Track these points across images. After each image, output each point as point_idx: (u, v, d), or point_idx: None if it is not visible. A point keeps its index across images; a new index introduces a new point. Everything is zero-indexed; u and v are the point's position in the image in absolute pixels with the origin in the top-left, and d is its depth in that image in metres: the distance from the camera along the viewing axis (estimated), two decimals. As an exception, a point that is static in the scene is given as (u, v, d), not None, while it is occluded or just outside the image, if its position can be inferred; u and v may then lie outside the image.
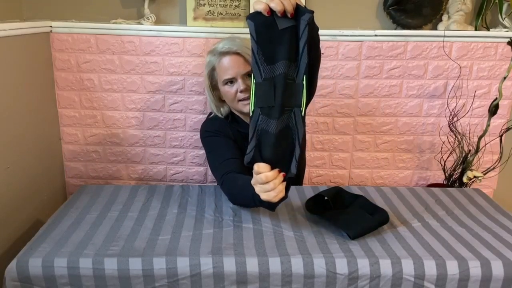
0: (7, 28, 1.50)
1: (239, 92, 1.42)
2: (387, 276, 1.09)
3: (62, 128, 1.94)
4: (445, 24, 1.89)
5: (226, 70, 1.42)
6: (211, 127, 1.53)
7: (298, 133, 1.06)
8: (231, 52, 1.42)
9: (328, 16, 1.91)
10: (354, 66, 1.89)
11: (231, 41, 1.44)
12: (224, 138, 1.49)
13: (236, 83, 1.43)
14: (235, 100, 1.44)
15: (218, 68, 1.45)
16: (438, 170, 2.02)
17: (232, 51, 1.41)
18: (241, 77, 1.42)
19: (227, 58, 1.42)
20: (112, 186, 1.56)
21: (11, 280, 1.08)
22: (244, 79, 1.42)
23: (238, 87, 1.42)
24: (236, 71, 1.41)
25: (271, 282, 1.09)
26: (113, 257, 1.09)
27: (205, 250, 1.13)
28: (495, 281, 1.10)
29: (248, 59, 1.40)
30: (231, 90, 1.44)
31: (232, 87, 1.43)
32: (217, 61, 1.44)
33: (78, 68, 1.86)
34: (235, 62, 1.41)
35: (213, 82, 1.50)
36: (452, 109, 1.91)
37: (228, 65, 1.42)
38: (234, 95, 1.44)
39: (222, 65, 1.43)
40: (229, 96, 1.45)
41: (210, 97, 1.52)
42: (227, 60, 1.42)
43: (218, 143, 1.48)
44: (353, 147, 2.02)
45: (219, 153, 1.44)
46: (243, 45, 1.42)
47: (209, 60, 1.47)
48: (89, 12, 1.89)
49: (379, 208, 1.31)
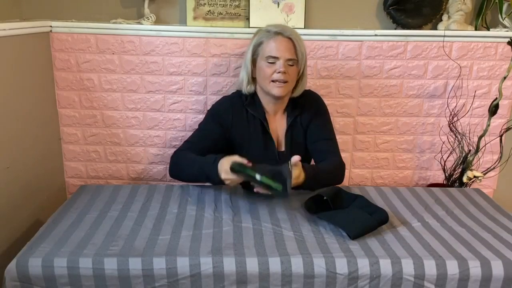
0: (7, 28, 1.50)
1: (276, 72, 1.47)
2: (387, 276, 1.09)
3: (62, 128, 1.94)
4: (445, 24, 1.89)
5: (274, 48, 1.47)
6: (220, 106, 1.59)
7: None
8: (285, 35, 1.48)
9: (328, 16, 1.91)
10: (354, 66, 1.89)
11: (285, 27, 1.51)
12: (216, 126, 1.55)
13: (277, 63, 1.47)
14: (269, 79, 1.48)
15: (266, 44, 1.49)
16: (438, 170, 2.02)
17: (286, 34, 1.48)
18: (284, 60, 1.46)
19: (279, 38, 1.48)
20: (112, 186, 1.56)
21: (11, 280, 1.08)
22: (285, 63, 1.47)
23: (277, 67, 1.47)
24: (283, 53, 1.47)
25: (271, 282, 1.09)
26: (113, 257, 1.09)
27: (205, 250, 1.13)
28: (495, 281, 1.10)
29: (297, 47, 1.47)
30: (269, 69, 1.48)
31: (272, 66, 1.48)
32: (267, 38, 1.49)
33: (78, 68, 1.86)
34: (285, 45, 1.47)
35: (254, 56, 1.53)
36: (452, 109, 1.91)
37: (277, 44, 1.47)
38: (270, 74, 1.48)
39: (272, 43, 1.48)
40: (265, 74, 1.49)
41: (247, 69, 1.55)
42: (278, 40, 1.47)
43: (207, 126, 1.57)
44: (353, 147, 2.02)
45: (200, 135, 1.57)
46: (294, 33, 1.49)
47: (259, 35, 1.52)
48: (89, 12, 1.89)
49: (379, 208, 1.31)
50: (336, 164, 1.55)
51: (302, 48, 1.49)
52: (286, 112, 1.59)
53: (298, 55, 1.48)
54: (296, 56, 1.48)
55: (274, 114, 1.59)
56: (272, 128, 1.58)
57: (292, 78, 1.50)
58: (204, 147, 1.52)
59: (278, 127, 1.60)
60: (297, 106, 1.59)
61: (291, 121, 1.57)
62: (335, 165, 1.54)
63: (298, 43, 1.48)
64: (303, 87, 1.57)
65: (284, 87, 1.48)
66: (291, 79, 1.50)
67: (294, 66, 1.49)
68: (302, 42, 1.51)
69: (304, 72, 1.54)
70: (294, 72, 1.50)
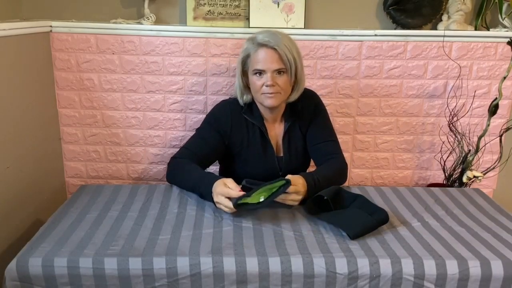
0: (7, 28, 1.50)
1: (265, 86, 1.45)
2: (387, 276, 1.09)
3: (62, 128, 1.94)
4: (445, 24, 1.89)
5: (259, 61, 1.45)
6: (218, 112, 1.57)
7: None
8: (269, 46, 1.44)
9: (328, 16, 1.91)
10: (354, 66, 1.89)
11: (272, 35, 1.46)
12: (215, 133, 1.53)
13: (265, 76, 1.45)
14: (260, 91, 1.47)
15: (253, 57, 1.47)
16: (438, 170, 2.02)
17: (270, 45, 1.43)
18: (270, 72, 1.44)
19: (263, 50, 1.44)
20: (112, 186, 1.56)
21: (11, 280, 1.08)
22: (273, 75, 1.44)
23: (265, 80, 1.45)
24: (269, 65, 1.44)
25: (271, 282, 1.09)
26: (113, 256, 1.09)
27: (205, 249, 1.13)
28: (494, 281, 1.10)
29: (283, 56, 1.43)
30: (258, 81, 1.46)
31: (260, 79, 1.46)
32: (253, 50, 1.46)
33: (78, 67, 1.86)
34: (270, 56, 1.43)
35: (245, 68, 1.52)
36: (452, 109, 1.91)
37: (262, 57, 1.44)
38: (260, 87, 1.46)
39: (257, 55, 1.45)
40: (255, 87, 1.48)
41: (239, 81, 1.53)
42: (263, 52, 1.44)
43: (206, 133, 1.55)
44: (353, 147, 2.02)
45: (199, 142, 1.54)
46: (282, 42, 1.44)
47: (247, 47, 1.49)
48: (89, 12, 1.89)
49: (379, 208, 1.31)
50: (336, 167, 1.54)
51: (290, 55, 1.43)
52: (284, 117, 1.58)
53: (286, 64, 1.44)
54: (284, 65, 1.44)
55: (272, 121, 1.58)
56: (271, 134, 1.57)
57: (283, 87, 1.46)
58: (203, 155, 1.52)
59: (276, 132, 1.59)
60: (295, 111, 1.57)
61: (288, 126, 1.57)
62: (335, 168, 1.54)
63: (285, 53, 1.42)
64: (299, 92, 1.53)
65: (275, 98, 1.46)
66: (283, 89, 1.46)
67: (284, 74, 1.45)
68: (293, 48, 1.45)
69: (298, 78, 1.50)
70: (284, 81, 1.46)
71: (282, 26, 1.85)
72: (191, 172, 1.45)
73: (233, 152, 1.56)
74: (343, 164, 1.56)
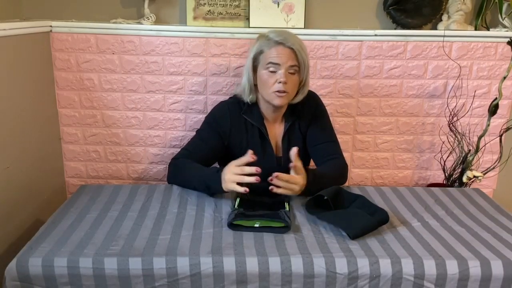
0: (7, 28, 1.50)
1: (277, 82, 1.44)
2: (387, 276, 1.09)
3: (62, 127, 1.94)
4: (445, 24, 1.89)
5: (275, 55, 1.43)
6: (218, 113, 1.57)
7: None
8: (286, 45, 1.43)
9: (328, 16, 1.91)
10: (354, 66, 1.90)
11: (288, 35, 1.46)
12: (214, 134, 1.54)
13: (278, 73, 1.44)
14: (270, 89, 1.45)
15: (267, 52, 1.45)
16: (438, 170, 2.02)
17: (287, 44, 1.43)
18: (285, 68, 1.43)
19: (280, 47, 1.44)
20: (112, 186, 1.56)
21: (11, 280, 1.08)
22: (287, 72, 1.43)
23: (278, 77, 1.43)
24: (285, 61, 1.43)
25: (271, 282, 1.09)
26: (113, 256, 1.09)
27: (205, 249, 1.13)
28: (494, 281, 1.10)
29: (299, 56, 1.44)
30: (270, 78, 1.45)
31: (272, 76, 1.44)
32: (268, 47, 1.45)
33: (78, 67, 1.86)
34: (286, 54, 1.43)
35: (254, 64, 1.50)
36: (452, 109, 1.92)
37: (279, 53, 1.43)
38: (272, 84, 1.45)
39: (273, 51, 1.44)
40: (267, 83, 1.46)
41: (248, 78, 1.51)
42: (279, 49, 1.43)
43: (205, 134, 1.56)
44: (353, 147, 2.02)
45: (198, 143, 1.55)
46: (297, 43, 1.45)
47: (260, 43, 1.48)
48: (89, 12, 1.89)
49: (379, 208, 1.31)
50: (336, 167, 1.54)
51: (304, 57, 1.45)
52: (284, 117, 1.58)
53: (300, 64, 1.45)
54: (298, 64, 1.45)
55: (273, 121, 1.58)
56: (270, 135, 1.57)
57: (292, 88, 1.47)
58: (203, 156, 1.53)
59: (276, 133, 1.59)
60: (295, 112, 1.57)
61: (288, 126, 1.57)
62: (336, 168, 1.54)
63: (300, 53, 1.44)
64: (303, 95, 1.53)
65: (285, 97, 1.46)
66: (292, 89, 1.47)
67: (296, 75, 1.46)
68: (305, 51, 1.47)
69: (306, 82, 1.51)
70: (295, 81, 1.47)
71: (282, 26, 1.85)
72: (193, 169, 1.47)
73: (233, 152, 1.56)
74: (343, 165, 1.56)
